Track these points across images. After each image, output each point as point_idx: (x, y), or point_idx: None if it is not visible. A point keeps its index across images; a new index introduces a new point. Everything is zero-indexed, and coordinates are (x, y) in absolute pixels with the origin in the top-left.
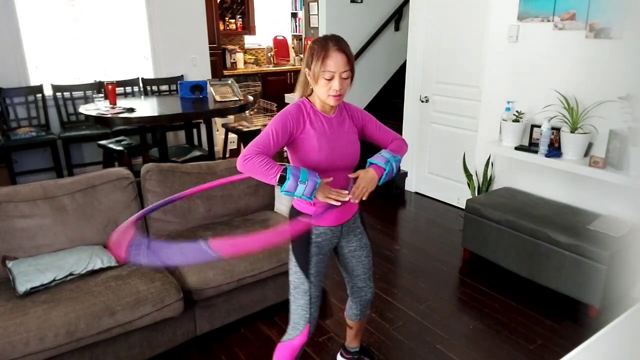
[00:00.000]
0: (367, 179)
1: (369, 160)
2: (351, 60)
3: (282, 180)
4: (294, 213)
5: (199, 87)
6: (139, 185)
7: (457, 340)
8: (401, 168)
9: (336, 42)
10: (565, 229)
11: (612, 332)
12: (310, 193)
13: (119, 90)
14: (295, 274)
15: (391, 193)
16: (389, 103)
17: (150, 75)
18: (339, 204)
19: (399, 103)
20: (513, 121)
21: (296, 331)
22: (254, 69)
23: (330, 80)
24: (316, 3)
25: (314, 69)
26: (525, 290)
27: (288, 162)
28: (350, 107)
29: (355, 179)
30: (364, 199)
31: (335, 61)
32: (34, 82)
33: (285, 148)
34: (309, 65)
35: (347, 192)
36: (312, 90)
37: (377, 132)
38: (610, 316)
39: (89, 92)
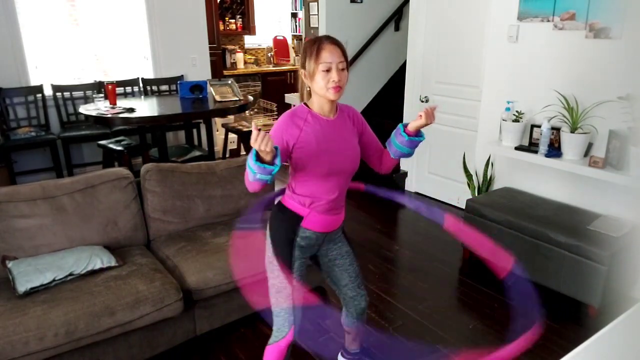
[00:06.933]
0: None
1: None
2: (345, 54)
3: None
4: (283, 211)
5: (199, 87)
6: (138, 185)
7: (456, 340)
8: (401, 168)
9: (328, 37)
10: (565, 229)
11: (612, 332)
12: (256, 168)
13: (119, 90)
14: (277, 278)
15: None
16: (389, 103)
17: (150, 75)
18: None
19: (399, 103)
20: (513, 121)
21: (281, 333)
22: (254, 69)
23: (327, 72)
24: (316, 3)
25: (309, 66)
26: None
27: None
28: (352, 110)
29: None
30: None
31: (330, 52)
32: (34, 82)
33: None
34: (303, 64)
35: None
36: (310, 95)
37: (372, 139)
38: (610, 316)
39: (89, 92)
